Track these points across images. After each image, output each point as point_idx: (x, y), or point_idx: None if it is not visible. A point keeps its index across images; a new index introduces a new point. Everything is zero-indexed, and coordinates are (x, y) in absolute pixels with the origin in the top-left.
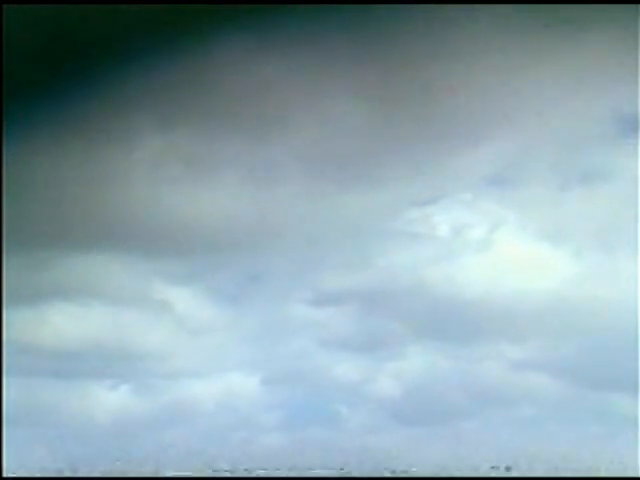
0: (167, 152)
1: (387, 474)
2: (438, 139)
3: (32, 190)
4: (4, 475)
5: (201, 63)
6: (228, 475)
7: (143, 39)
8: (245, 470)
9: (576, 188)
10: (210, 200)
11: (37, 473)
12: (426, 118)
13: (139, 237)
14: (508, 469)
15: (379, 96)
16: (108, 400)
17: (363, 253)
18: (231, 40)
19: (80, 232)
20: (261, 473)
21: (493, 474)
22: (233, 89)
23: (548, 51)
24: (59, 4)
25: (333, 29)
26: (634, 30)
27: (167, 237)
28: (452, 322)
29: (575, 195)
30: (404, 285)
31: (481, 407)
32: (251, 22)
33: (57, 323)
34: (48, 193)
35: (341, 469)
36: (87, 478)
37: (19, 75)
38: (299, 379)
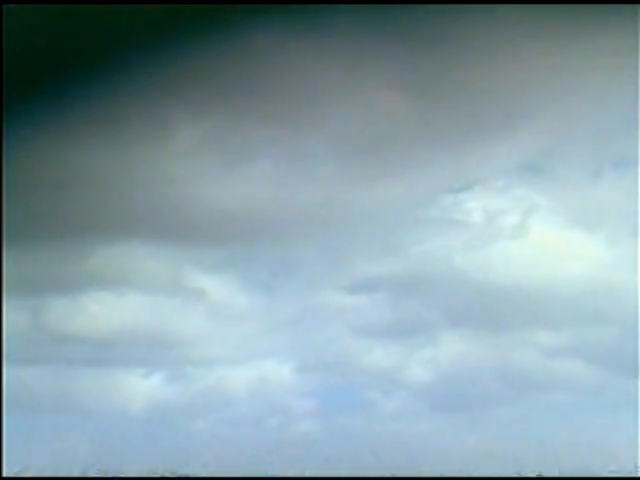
0: (201, 141)
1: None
2: (471, 126)
3: (67, 180)
4: (4, 475)
5: (235, 52)
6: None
7: (175, 30)
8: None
9: (610, 174)
10: (244, 188)
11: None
12: (459, 105)
13: (173, 226)
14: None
15: (412, 83)
16: (142, 388)
17: (397, 240)
18: (266, 29)
19: (115, 221)
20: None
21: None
22: (267, 78)
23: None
24: (64, 4)
25: (366, 17)
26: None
27: (201, 225)
28: (486, 309)
29: (609, 181)
30: (438, 272)
31: (515, 394)
32: (285, 10)
33: (92, 312)
34: (83, 183)
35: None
36: (87, 478)
37: (41, 68)
38: (332, 366)
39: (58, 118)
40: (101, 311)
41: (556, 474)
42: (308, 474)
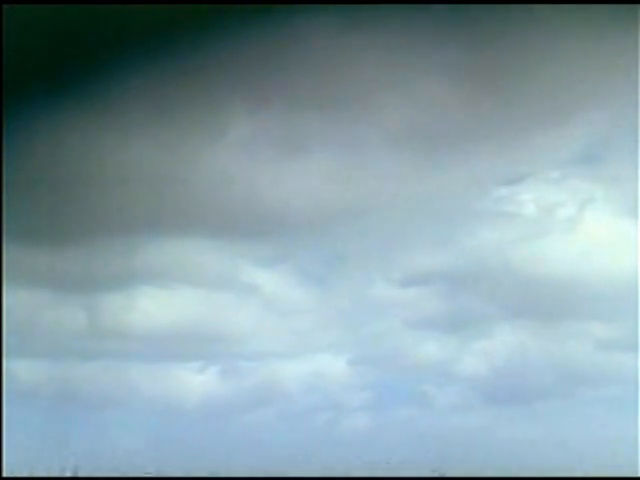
0: (256, 134)
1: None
2: (524, 117)
3: (120, 176)
4: (4, 475)
5: (289, 44)
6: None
7: (232, 24)
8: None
9: None
10: (298, 181)
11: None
12: (512, 96)
13: (226, 220)
14: None
15: (465, 75)
16: (196, 383)
17: (450, 233)
18: (318, 21)
19: (167, 216)
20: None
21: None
22: (321, 70)
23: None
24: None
25: (418, 14)
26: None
27: (254, 219)
28: (540, 301)
29: None
30: (491, 265)
31: (568, 387)
32: (341, 8)
33: (145, 308)
34: (137, 180)
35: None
36: (88, 478)
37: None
38: (386, 360)
39: (112, 116)
40: (155, 307)
41: (607, 467)
42: (359, 468)
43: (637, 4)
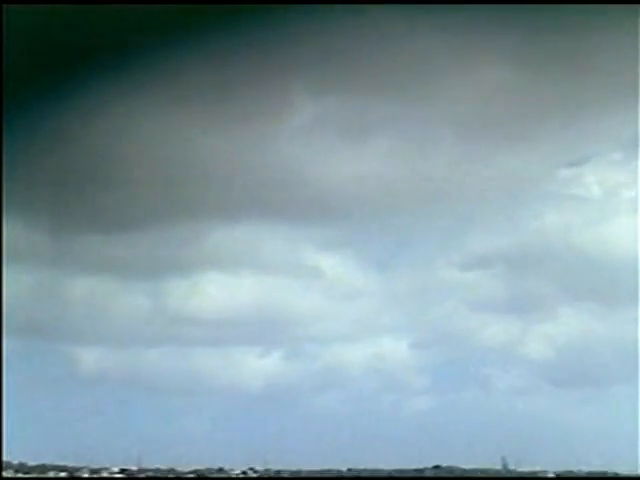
0: (320, 120)
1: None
2: (587, 100)
3: (186, 163)
4: (3, 475)
5: (353, 31)
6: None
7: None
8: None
9: None
10: (361, 166)
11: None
12: (575, 80)
13: (290, 205)
14: None
15: (528, 61)
16: (259, 367)
17: (513, 215)
18: (384, 10)
19: (232, 202)
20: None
21: None
22: (385, 56)
23: None
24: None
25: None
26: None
27: (318, 204)
28: (604, 283)
29: None
30: (555, 246)
31: (633, 371)
32: None
33: (210, 293)
34: (199, 165)
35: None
36: (89, 478)
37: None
38: (448, 342)
39: (175, 102)
40: (220, 292)
41: None
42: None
43: (637, 4)
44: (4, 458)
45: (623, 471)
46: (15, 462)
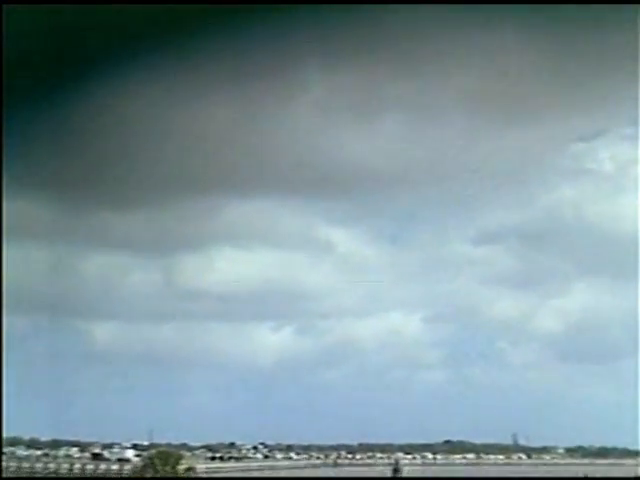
0: (331, 97)
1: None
2: (599, 74)
3: (197, 138)
4: (3, 475)
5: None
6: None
7: None
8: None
9: None
10: (373, 142)
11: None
12: (586, 54)
13: (302, 181)
14: None
15: (541, 33)
16: (271, 341)
17: (526, 190)
18: None
19: (244, 178)
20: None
21: None
22: (396, 32)
23: None
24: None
25: None
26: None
27: (330, 180)
28: (616, 258)
29: None
30: (567, 221)
31: None
32: None
33: (222, 268)
34: (214, 141)
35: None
36: (89, 478)
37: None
38: (460, 317)
39: (186, 76)
40: (232, 267)
41: None
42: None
43: (637, 4)
44: (15, 434)
45: (634, 447)
46: (27, 437)
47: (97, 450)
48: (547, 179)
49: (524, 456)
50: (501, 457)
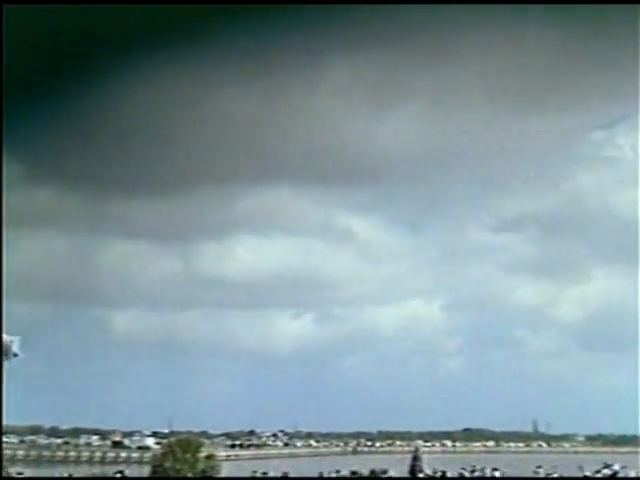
0: (351, 84)
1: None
2: (618, 63)
3: (217, 126)
4: (3, 475)
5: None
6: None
7: None
8: None
9: None
10: (392, 129)
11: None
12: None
13: (321, 168)
14: None
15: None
16: (292, 329)
17: (546, 177)
18: None
19: (264, 165)
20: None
21: None
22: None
23: None
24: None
25: None
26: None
27: (349, 167)
28: (636, 246)
29: None
30: (588, 209)
31: None
32: None
33: (242, 256)
34: (234, 128)
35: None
36: (88, 478)
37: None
38: (480, 304)
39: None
40: (251, 255)
41: None
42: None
43: (637, 4)
44: (35, 422)
45: None
46: (47, 426)
47: (117, 438)
48: (568, 166)
49: (544, 444)
50: (521, 445)
